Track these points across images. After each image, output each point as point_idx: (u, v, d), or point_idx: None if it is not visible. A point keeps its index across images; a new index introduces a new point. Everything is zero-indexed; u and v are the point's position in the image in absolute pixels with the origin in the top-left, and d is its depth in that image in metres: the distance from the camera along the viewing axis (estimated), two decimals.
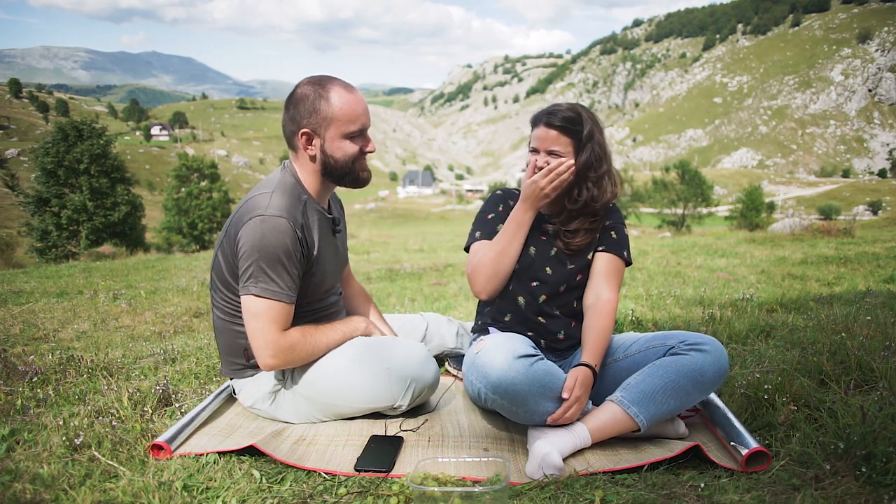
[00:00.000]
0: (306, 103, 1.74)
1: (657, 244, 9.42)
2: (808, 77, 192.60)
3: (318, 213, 1.84)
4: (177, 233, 29.92)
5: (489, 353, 1.59)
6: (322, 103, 1.73)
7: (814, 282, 4.69)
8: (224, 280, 1.80)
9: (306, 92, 1.74)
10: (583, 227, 1.91)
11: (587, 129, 1.84)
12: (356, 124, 1.76)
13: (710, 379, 1.64)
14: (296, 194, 1.78)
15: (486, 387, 1.59)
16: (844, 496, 1.29)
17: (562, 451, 1.55)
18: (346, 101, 1.74)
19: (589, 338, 1.77)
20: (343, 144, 1.77)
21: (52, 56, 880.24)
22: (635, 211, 60.41)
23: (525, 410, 1.60)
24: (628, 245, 1.98)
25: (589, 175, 1.86)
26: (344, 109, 1.73)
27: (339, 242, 2.01)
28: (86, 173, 22.73)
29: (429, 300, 4.52)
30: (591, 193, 1.87)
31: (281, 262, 1.68)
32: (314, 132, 1.76)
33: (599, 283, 1.89)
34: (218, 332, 1.91)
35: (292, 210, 1.72)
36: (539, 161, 1.85)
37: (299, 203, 1.77)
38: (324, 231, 1.86)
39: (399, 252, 10.27)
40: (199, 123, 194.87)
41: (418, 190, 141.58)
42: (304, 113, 1.74)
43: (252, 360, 1.86)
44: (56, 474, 1.45)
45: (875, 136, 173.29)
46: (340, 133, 1.75)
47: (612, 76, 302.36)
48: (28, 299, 4.75)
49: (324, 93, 1.73)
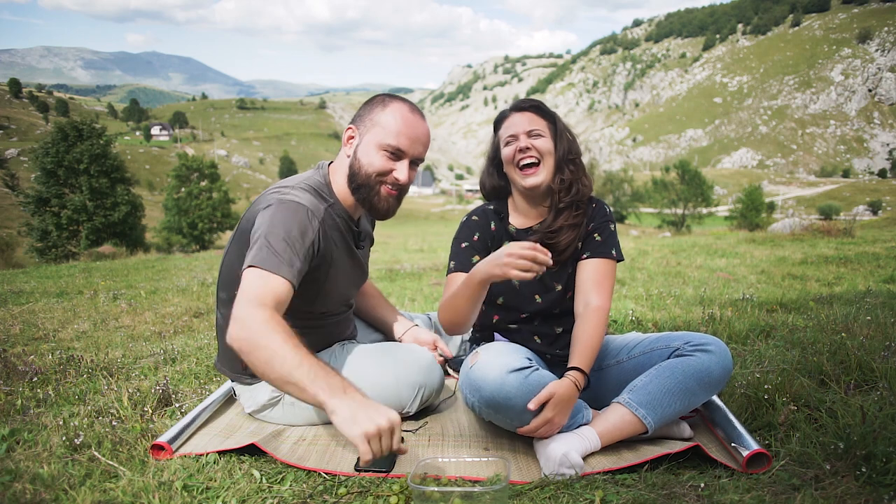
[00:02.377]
0: (370, 106, 1.76)
1: (657, 244, 9.42)
2: (808, 77, 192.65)
3: (342, 220, 1.77)
4: (177, 233, 29.95)
5: (482, 368, 1.57)
6: (378, 108, 1.73)
7: (814, 282, 4.69)
8: (234, 275, 1.68)
9: (377, 100, 1.76)
10: (566, 223, 1.83)
11: (559, 123, 1.85)
12: (395, 139, 1.68)
13: (716, 379, 1.64)
14: (321, 194, 1.73)
15: (480, 401, 1.57)
16: (844, 496, 1.29)
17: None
18: (399, 115, 1.70)
19: (576, 345, 1.69)
20: (373, 153, 1.69)
21: (52, 56, 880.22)
22: (635, 211, 60.50)
23: (521, 423, 1.57)
24: (616, 242, 1.89)
25: (570, 159, 1.84)
26: (392, 121, 1.69)
27: (362, 257, 1.94)
28: (86, 173, 22.75)
29: (429, 300, 4.52)
30: (576, 177, 1.83)
31: (288, 241, 1.55)
32: (357, 130, 1.76)
33: (587, 290, 1.81)
34: (220, 332, 1.88)
35: (314, 204, 1.66)
36: (521, 143, 1.78)
37: (323, 202, 1.71)
38: (344, 240, 1.80)
39: (399, 252, 10.27)
40: (199, 123, 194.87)
41: (418, 190, 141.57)
42: (362, 113, 1.76)
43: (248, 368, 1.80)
44: (56, 474, 1.45)
45: (875, 136, 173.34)
46: (377, 141, 1.69)
47: (612, 76, 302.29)
48: (28, 299, 4.75)
49: (388, 102, 1.73)
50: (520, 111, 1.85)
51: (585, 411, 1.67)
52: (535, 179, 1.80)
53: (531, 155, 1.79)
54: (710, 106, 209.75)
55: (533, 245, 1.49)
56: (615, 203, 59.45)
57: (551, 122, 1.85)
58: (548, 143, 1.81)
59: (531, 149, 1.79)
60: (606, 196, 59.65)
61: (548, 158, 1.81)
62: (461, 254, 1.89)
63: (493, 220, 1.94)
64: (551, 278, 1.88)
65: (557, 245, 1.83)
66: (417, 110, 1.75)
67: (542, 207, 1.89)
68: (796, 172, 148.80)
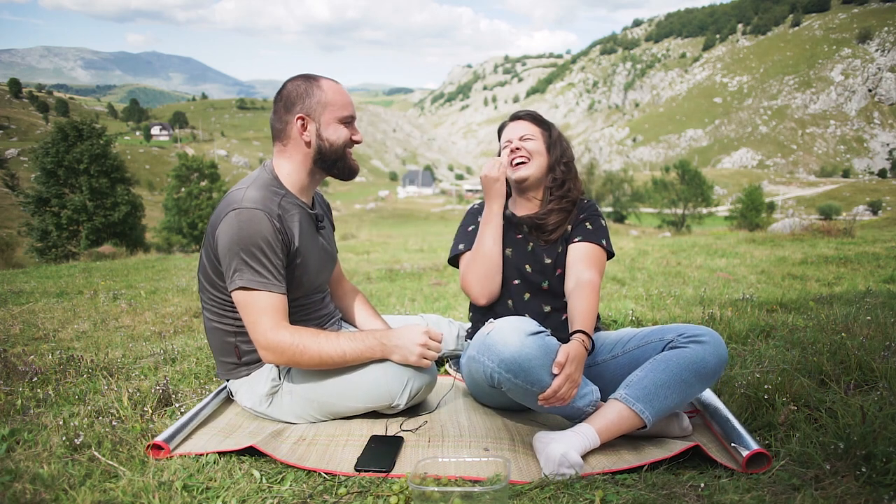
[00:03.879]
0: (299, 92, 1.81)
1: (657, 244, 9.42)
2: (808, 77, 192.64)
3: (298, 207, 1.85)
4: (177, 233, 29.93)
5: (501, 332, 1.61)
6: (315, 90, 1.81)
7: (814, 282, 4.69)
8: (209, 279, 1.82)
9: (297, 84, 1.83)
10: (556, 207, 2.03)
11: (554, 131, 2.09)
12: (348, 110, 1.85)
13: (711, 370, 1.64)
14: (273, 189, 1.80)
15: (500, 365, 1.58)
16: (844, 496, 1.29)
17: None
18: (336, 89, 1.84)
19: (574, 314, 1.77)
20: (338, 128, 1.84)
21: (52, 56, 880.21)
22: (635, 211, 60.49)
23: (539, 385, 1.58)
24: (607, 235, 2.03)
25: (563, 161, 2.05)
26: (336, 96, 1.83)
27: (325, 240, 2.00)
28: (86, 173, 22.72)
29: (429, 300, 4.52)
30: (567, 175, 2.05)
31: (262, 252, 1.68)
32: (309, 116, 1.81)
33: (578, 268, 1.94)
34: (209, 334, 1.92)
35: (268, 202, 1.73)
36: (513, 145, 2.05)
37: (276, 196, 1.79)
38: (305, 226, 1.87)
39: (399, 252, 10.27)
40: (199, 123, 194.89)
41: (418, 190, 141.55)
42: (298, 100, 1.81)
43: (244, 357, 1.87)
44: (56, 474, 1.45)
45: (875, 136, 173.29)
46: (335, 117, 1.83)
47: (612, 76, 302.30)
48: (28, 299, 4.75)
49: (315, 82, 1.83)
50: (515, 120, 2.13)
51: (593, 389, 1.71)
52: (523, 172, 2.03)
53: (521, 155, 2.04)
54: (710, 106, 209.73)
55: (490, 163, 2.02)
56: (615, 203, 59.46)
57: (545, 130, 2.09)
58: (537, 145, 2.05)
59: (521, 150, 2.04)
60: (606, 196, 59.65)
61: (537, 157, 2.04)
62: (468, 235, 2.14)
63: None
64: (542, 252, 2.04)
65: (546, 225, 2.03)
66: (334, 79, 1.89)
67: (535, 201, 2.11)
68: (796, 172, 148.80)
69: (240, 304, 1.71)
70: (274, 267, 1.71)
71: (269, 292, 1.69)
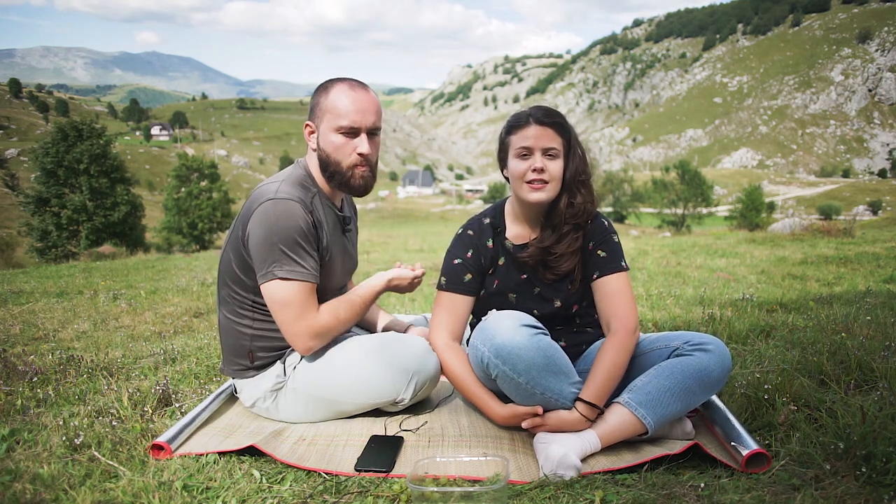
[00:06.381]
0: (317, 96, 1.81)
1: (657, 244, 9.42)
2: (808, 77, 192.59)
3: (328, 207, 1.86)
4: (177, 233, 29.94)
5: (497, 318, 1.62)
6: (322, 96, 1.79)
7: (814, 282, 4.69)
8: (233, 275, 1.79)
9: (321, 88, 1.82)
10: (568, 249, 1.80)
11: (573, 136, 1.78)
12: (345, 119, 1.73)
13: (715, 379, 1.64)
14: (305, 186, 1.80)
15: (491, 350, 1.59)
16: (844, 496, 1.29)
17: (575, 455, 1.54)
18: (342, 96, 1.75)
19: (593, 374, 1.67)
20: (333, 138, 1.76)
21: (52, 56, 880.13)
22: (635, 211, 60.51)
23: (528, 382, 1.57)
24: (621, 252, 1.85)
25: (581, 181, 1.78)
26: (336, 103, 1.75)
27: (349, 243, 2.01)
28: (86, 173, 22.73)
29: (429, 300, 4.52)
30: (586, 200, 1.79)
31: (299, 244, 1.68)
32: (313, 122, 1.81)
33: (607, 314, 1.78)
34: (223, 332, 1.90)
35: (302, 196, 1.73)
36: (536, 163, 1.70)
37: (308, 193, 1.79)
38: (333, 227, 1.87)
39: (399, 252, 10.27)
40: (199, 123, 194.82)
41: (418, 190, 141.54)
42: (313, 104, 1.82)
43: (256, 362, 1.85)
44: (56, 474, 1.45)
45: (875, 136, 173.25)
46: (331, 126, 1.76)
47: (612, 76, 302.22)
48: (28, 299, 4.75)
49: (328, 87, 1.79)
50: (541, 125, 1.72)
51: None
52: (541, 196, 1.73)
53: (542, 178, 1.72)
54: (710, 106, 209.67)
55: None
56: (615, 203, 59.45)
57: (567, 140, 1.76)
58: (560, 166, 1.74)
59: (545, 171, 1.71)
60: (606, 196, 59.56)
61: (558, 177, 1.75)
62: (453, 271, 1.87)
63: (489, 236, 1.89)
64: (548, 292, 1.87)
65: (557, 268, 1.82)
66: (359, 84, 1.79)
67: (540, 219, 1.85)
68: (796, 172, 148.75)
69: (274, 297, 1.69)
70: (312, 258, 1.72)
71: (308, 283, 1.70)
